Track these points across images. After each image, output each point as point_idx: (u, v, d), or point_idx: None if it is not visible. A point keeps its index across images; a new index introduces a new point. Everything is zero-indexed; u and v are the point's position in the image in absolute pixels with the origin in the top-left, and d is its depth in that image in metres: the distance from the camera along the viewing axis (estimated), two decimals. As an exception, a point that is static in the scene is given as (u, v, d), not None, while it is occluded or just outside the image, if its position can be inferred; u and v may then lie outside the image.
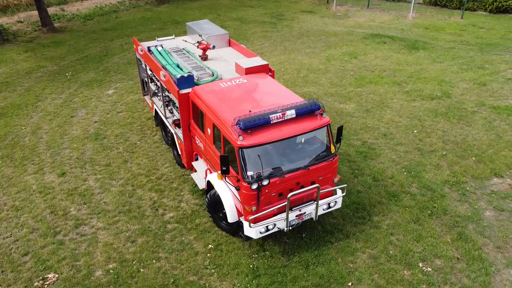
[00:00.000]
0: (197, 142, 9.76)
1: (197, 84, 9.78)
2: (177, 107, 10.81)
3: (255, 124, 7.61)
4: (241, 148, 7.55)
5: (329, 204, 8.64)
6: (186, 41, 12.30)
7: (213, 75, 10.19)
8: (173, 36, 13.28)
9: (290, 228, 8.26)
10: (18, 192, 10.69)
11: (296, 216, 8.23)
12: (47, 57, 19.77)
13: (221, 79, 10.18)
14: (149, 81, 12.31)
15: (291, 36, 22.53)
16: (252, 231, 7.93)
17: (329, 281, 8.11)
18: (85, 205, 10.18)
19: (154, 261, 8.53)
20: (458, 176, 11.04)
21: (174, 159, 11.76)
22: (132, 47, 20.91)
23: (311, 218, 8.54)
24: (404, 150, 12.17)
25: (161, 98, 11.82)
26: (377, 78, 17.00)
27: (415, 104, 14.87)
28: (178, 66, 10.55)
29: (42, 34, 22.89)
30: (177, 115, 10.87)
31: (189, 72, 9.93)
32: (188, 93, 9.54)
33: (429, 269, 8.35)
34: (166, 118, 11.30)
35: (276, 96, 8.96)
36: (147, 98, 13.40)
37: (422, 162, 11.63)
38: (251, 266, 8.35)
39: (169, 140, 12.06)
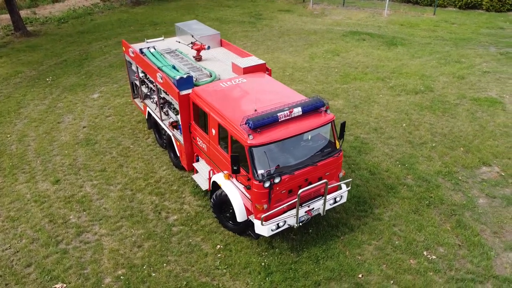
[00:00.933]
0: (198, 143, 9.72)
1: (196, 85, 9.74)
2: (173, 109, 10.75)
3: (264, 123, 7.67)
4: (252, 147, 7.59)
5: (335, 199, 8.80)
6: (179, 42, 12.20)
7: (211, 76, 10.17)
8: (162, 38, 13.15)
9: (300, 224, 8.37)
10: (12, 202, 10.33)
11: (305, 212, 8.35)
12: (24, 62, 19.12)
13: (219, 79, 10.16)
14: (141, 83, 12.13)
15: (272, 35, 22.67)
16: (264, 229, 7.98)
17: (340, 274, 8.27)
18: (84, 212, 9.95)
19: (164, 264, 8.45)
20: (449, 167, 11.46)
21: (171, 162, 11.64)
22: (113, 49, 20.55)
23: (319, 214, 8.68)
24: (395, 144, 12.52)
25: (154, 100, 11.70)
26: (361, 75, 17.37)
27: (400, 99, 15.29)
28: (174, 67, 10.46)
29: (15, 38, 22.10)
30: (174, 117, 10.79)
31: (187, 73, 9.87)
32: (189, 94, 9.49)
33: (433, 256, 8.65)
34: (162, 120, 11.19)
35: (278, 95, 9.04)
36: (137, 101, 13.21)
37: (414, 154, 11.99)
38: (262, 264, 8.42)
39: (164, 143, 11.94)
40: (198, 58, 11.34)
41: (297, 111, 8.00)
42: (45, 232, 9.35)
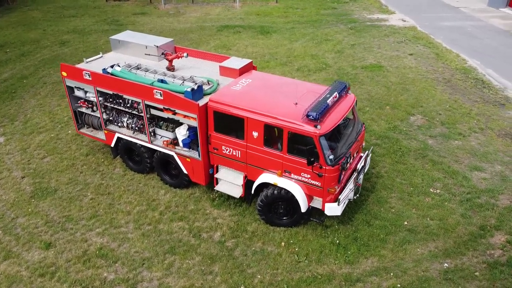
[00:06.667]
0: (225, 152, 9.33)
1: (205, 94, 9.32)
2: (166, 126, 10.01)
3: (323, 111, 8.15)
4: (321, 135, 8.01)
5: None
6: (149, 55, 10.99)
7: (208, 83, 9.79)
8: (100, 55, 11.60)
9: (357, 196, 9.23)
10: (9, 286, 8.05)
11: (355, 184, 9.23)
12: None
13: (219, 84, 9.88)
14: (102, 108, 10.59)
15: (150, 39, 21.71)
16: (338, 208, 8.56)
17: (392, 227, 9.51)
18: (116, 264, 8.55)
19: (258, 277, 8.17)
20: (391, 123, 13.83)
21: (166, 183, 10.73)
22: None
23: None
24: (341, 115, 14.27)
25: (127, 123, 10.49)
26: (265, 63, 18.59)
27: (314, 77, 17.17)
28: (162, 81, 9.66)
29: None
30: (168, 135, 10.02)
31: (196, 83, 9.32)
32: (206, 104, 9.03)
33: (438, 191, 10.70)
34: (151, 142, 10.20)
35: (295, 86, 9.45)
36: (87, 131, 11.45)
37: (361, 119, 13.97)
38: (337, 242, 8.99)
39: (148, 167, 10.85)
40: (172, 69, 10.62)
41: (337, 95, 8.73)
42: (90, 300, 7.77)
